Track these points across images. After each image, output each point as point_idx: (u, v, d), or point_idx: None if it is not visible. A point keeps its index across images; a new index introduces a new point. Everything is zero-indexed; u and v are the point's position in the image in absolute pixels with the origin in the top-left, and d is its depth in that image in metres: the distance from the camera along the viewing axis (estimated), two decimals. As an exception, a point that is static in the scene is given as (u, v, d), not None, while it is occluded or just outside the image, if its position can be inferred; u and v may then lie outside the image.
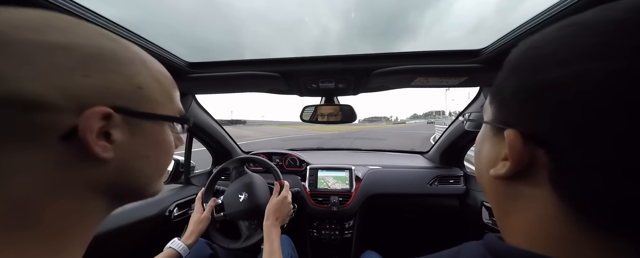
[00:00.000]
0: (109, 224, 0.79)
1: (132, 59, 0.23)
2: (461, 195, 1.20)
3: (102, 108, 0.19)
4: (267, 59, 0.75)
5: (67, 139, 0.18)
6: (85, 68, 0.19)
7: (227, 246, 0.83)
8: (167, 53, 0.64)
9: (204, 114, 1.16)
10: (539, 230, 0.19)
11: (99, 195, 0.22)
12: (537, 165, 0.18)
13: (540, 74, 0.18)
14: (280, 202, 0.75)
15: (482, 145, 0.26)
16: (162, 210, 0.98)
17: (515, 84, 0.20)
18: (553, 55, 0.17)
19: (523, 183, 0.20)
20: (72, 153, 0.19)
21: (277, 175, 0.90)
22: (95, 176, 0.21)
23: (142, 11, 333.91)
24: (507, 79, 0.21)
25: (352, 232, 1.22)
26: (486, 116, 0.25)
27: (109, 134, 0.20)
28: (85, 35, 0.20)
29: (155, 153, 0.25)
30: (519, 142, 0.19)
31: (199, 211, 0.84)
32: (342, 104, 1.02)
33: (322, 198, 1.21)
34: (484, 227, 1.00)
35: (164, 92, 0.26)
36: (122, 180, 0.23)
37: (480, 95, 0.96)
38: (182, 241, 0.74)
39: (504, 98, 0.21)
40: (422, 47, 67.47)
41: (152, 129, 0.25)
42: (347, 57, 0.72)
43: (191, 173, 1.23)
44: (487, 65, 0.65)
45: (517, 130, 0.19)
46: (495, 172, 0.22)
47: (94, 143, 0.19)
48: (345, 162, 1.32)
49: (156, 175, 0.27)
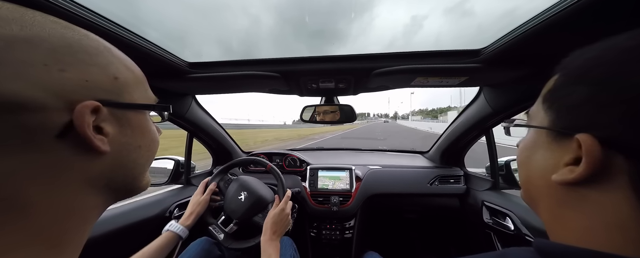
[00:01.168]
0: (110, 225, 0.79)
1: (97, 47, 0.21)
2: (461, 195, 1.20)
3: (90, 102, 0.19)
4: (268, 59, 0.75)
5: (62, 137, 0.18)
6: (58, 62, 0.18)
7: (228, 245, 0.83)
8: (167, 53, 0.64)
9: (204, 114, 1.16)
10: (609, 232, 0.19)
11: (96, 191, 0.22)
12: (613, 170, 0.19)
13: (622, 80, 0.18)
14: (278, 215, 0.74)
15: (532, 152, 0.26)
16: (163, 210, 0.98)
17: (588, 90, 0.20)
18: (636, 64, 0.18)
19: (593, 187, 0.20)
20: (69, 151, 0.18)
21: (281, 185, 0.87)
22: (93, 171, 0.20)
23: (141, 10, 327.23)
24: (572, 86, 0.21)
25: (352, 232, 1.22)
26: (537, 121, 0.26)
27: (100, 128, 0.20)
28: (42, 26, 0.18)
29: (145, 142, 0.25)
30: (597, 147, 0.19)
31: (199, 193, 0.86)
32: (341, 104, 1.02)
33: (322, 198, 1.21)
34: (485, 227, 1.00)
35: (137, 81, 0.25)
36: (118, 173, 0.23)
37: (481, 95, 0.96)
38: (180, 223, 0.74)
39: (571, 104, 0.21)
40: (349, 52, 65.32)
41: (137, 119, 0.24)
42: (347, 57, 0.72)
43: (191, 173, 1.23)
44: (487, 65, 0.65)
45: (592, 135, 0.19)
46: (561, 177, 0.22)
47: (94, 137, 0.19)
48: (345, 162, 1.32)
49: (147, 165, 0.27)
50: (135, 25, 0.50)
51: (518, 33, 0.51)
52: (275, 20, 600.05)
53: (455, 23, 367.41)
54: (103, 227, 0.77)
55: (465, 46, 0.70)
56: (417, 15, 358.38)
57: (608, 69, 0.19)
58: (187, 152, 1.20)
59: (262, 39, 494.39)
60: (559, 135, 0.22)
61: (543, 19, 0.45)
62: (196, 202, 0.83)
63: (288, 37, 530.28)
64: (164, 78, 0.74)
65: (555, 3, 0.42)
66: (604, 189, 0.19)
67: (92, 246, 0.72)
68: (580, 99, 0.20)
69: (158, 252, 0.65)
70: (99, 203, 0.23)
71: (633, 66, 0.18)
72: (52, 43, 0.18)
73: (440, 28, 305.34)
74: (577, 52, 0.23)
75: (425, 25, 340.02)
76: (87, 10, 0.43)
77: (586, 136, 0.19)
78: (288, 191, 0.83)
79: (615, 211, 0.19)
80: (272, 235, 0.69)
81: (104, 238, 0.76)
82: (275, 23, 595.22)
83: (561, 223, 0.23)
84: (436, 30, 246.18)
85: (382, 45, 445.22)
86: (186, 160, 1.18)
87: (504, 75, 0.72)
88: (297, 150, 1.60)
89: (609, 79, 0.19)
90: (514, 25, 0.52)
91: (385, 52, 0.71)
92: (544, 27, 0.46)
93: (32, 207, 0.17)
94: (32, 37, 0.17)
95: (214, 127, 1.24)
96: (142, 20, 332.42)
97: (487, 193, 1.06)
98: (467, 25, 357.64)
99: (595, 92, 0.19)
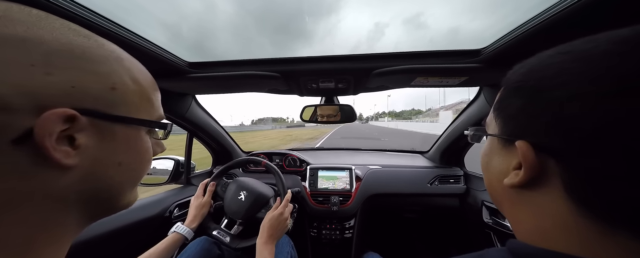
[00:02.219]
0: (110, 225, 0.79)
1: (106, 56, 0.21)
2: (461, 195, 1.20)
3: (63, 109, 0.17)
4: (268, 59, 0.75)
5: (20, 144, 0.16)
6: (48, 65, 0.17)
7: (237, 245, 0.82)
8: (167, 53, 0.64)
9: (204, 114, 1.16)
10: (555, 232, 0.21)
11: (65, 207, 0.20)
12: (548, 173, 0.20)
13: (545, 93, 0.20)
14: (276, 219, 0.73)
15: (490, 158, 0.28)
16: (163, 210, 0.98)
17: (521, 102, 0.22)
18: (555, 79, 0.20)
19: (534, 189, 0.22)
20: (28, 160, 0.17)
21: (282, 186, 0.87)
22: (58, 185, 0.18)
23: (141, 10, 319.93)
24: (510, 98, 0.24)
25: (352, 231, 1.22)
26: (490, 130, 0.28)
27: (74, 139, 0.19)
28: (52, 30, 0.18)
29: (128, 160, 0.23)
30: (531, 152, 0.21)
31: (199, 196, 0.86)
32: (341, 104, 1.02)
33: (322, 198, 1.21)
34: (485, 226, 1.00)
35: (142, 94, 0.24)
36: (90, 190, 0.21)
37: (481, 95, 0.96)
38: (186, 225, 0.75)
39: (510, 114, 0.24)
40: (315, 53, 66.26)
41: (125, 133, 0.22)
42: (347, 57, 0.72)
43: (191, 173, 1.23)
44: (487, 65, 0.65)
45: (527, 141, 0.21)
46: (510, 181, 0.23)
47: (53, 149, 0.17)
48: (345, 162, 1.32)
49: (129, 184, 0.25)
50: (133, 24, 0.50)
51: (518, 33, 0.51)
52: (234, 9, 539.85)
53: (413, 33, 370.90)
54: (103, 226, 0.77)
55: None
56: (379, 23, 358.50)
57: (535, 83, 0.21)
58: (187, 151, 1.20)
59: (219, 29, 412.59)
60: (506, 142, 0.24)
61: (543, 19, 0.45)
62: (199, 205, 0.83)
63: (250, 29, 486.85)
64: (164, 78, 0.74)
65: (555, 3, 0.42)
66: (544, 191, 0.21)
67: (92, 246, 0.72)
68: (516, 109, 0.23)
69: (165, 253, 0.66)
70: (72, 222, 0.21)
71: (550, 82, 0.20)
72: (52, 46, 0.17)
73: (399, 38, 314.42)
74: (517, 65, 0.25)
75: (386, 33, 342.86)
76: (87, 10, 0.43)
77: (522, 143, 0.21)
78: (288, 193, 0.83)
79: (555, 212, 0.20)
80: (268, 238, 0.69)
81: (104, 237, 0.76)
82: (234, 12, 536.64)
83: (519, 224, 0.25)
84: (395, 39, 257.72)
85: (347, 48, 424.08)
86: (186, 160, 1.18)
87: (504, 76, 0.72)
88: (297, 150, 1.60)
89: (536, 92, 0.21)
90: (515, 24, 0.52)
91: (386, 52, 0.71)
92: (544, 27, 0.46)
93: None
94: (31, 38, 0.17)
95: (214, 126, 1.24)
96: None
97: (487, 193, 1.06)
98: (422, 36, 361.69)
99: (526, 103, 0.22)
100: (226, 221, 0.87)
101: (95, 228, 0.75)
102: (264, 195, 0.87)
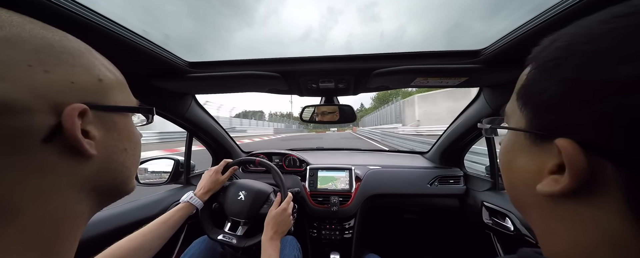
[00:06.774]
0: (110, 225, 0.79)
1: (79, 49, 0.21)
2: (461, 195, 1.20)
3: (79, 104, 0.18)
4: (268, 59, 0.75)
5: (49, 141, 0.17)
6: (42, 62, 0.17)
7: (244, 245, 0.81)
8: (167, 52, 0.64)
9: (204, 113, 1.16)
10: (604, 250, 0.16)
11: (84, 195, 0.21)
12: (601, 180, 0.16)
13: (600, 71, 0.15)
14: (280, 215, 0.73)
15: (513, 156, 0.23)
16: (162, 210, 0.98)
17: (561, 86, 0.17)
18: (616, 51, 0.14)
19: (580, 200, 0.17)
20: (56, 155, 0.18)
21: (283, 187, 0.87)
22: (81, 175, 0.20)
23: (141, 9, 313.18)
24: (544, 81, 0.18)
25: (352, 232, 1.22)
26: (514, 122, 0.22)
27: (87, 132, 0.20)
28: (22, 26, 0.17)
29: (130, 145, 0.25)
30: (579, 154, 0.16)
31: (218, 172, 0.85)
32: (341, 104, 1.02)
33: (322, 198, 1.21)
34: (484, 227, 1.00)
35: (119, 83, 0.25)
36: (106, 177, 0.22)
37: (481, 95, 0.96)
38: (198, 196, 0.76)
39: (543, 102, 0.18)
40: (257, 36, 61.96)
41: (122, 122, 0.24)
42: (348, 57, 0.72)
43: (191, 173, 1.23)
44: (487, 66, 0.65)
45: (573, 139, 0.16)
46: (547, 189, 0.18)
47: (84, 141, 0.18)
48: (345, 162, 1.32)
49: (134, 168, 0.27)
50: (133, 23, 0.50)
51: (518, 34, 0.51)
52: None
53: (366, 25, 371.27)
54: (103, 226, 0.77)
55: (372, 50, 0.71)
56: (333, 8, 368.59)
57: (583, 59, 0.16)
58: (186, 151, 1.20)
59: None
60: (537, 138, 0.19)
61: (543, 19, 0.45)
62: (214, 181, 0.83)
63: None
64: (164, 77, 0.74)
65: (556, 4, 0.42)
66: (595, 204, 0.16)
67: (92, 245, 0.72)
68: (553, 95, 0.17)
69: (177, 221, 0.67)
70: (87, 209, 0.22)
71: (615, 52, 0.15)
72: (34, 44, 0.17)
73: (353, 29, 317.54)
74: (547, 39, 0.19)
75: (340, 21, 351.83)
76: (87, 10, 0.43)
77: (566, 141, 0.16)
78: (289, 194, 0.83)
79: (608, 229, 0.16)
80: (273, 234, 0.68)
81: (104, 237, 0.75)
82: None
83: (551, 237, 0.20)
84: (349, 30, 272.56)
85: (297, 35, 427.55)
86: (186, 159, 1.18)
87: (504, 76, 0.72)
88: (297, 150, 1.60)
89: (585, 71, 0.16)
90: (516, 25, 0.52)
91: (386, 52, 0.71)
92: (544, 27, 0.46)
93: (21, 212, 0.17)
94: (13, 37, 0.16)
95: (213, 126, 1.24)
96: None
97: (486, 194, 1.06)
98: (374, 30, 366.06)
99: (571, 88, 0.16)
100: (229, 224, 0.87)
101: (95, 228, 0.75)
102: (262, 191, 0.87)
